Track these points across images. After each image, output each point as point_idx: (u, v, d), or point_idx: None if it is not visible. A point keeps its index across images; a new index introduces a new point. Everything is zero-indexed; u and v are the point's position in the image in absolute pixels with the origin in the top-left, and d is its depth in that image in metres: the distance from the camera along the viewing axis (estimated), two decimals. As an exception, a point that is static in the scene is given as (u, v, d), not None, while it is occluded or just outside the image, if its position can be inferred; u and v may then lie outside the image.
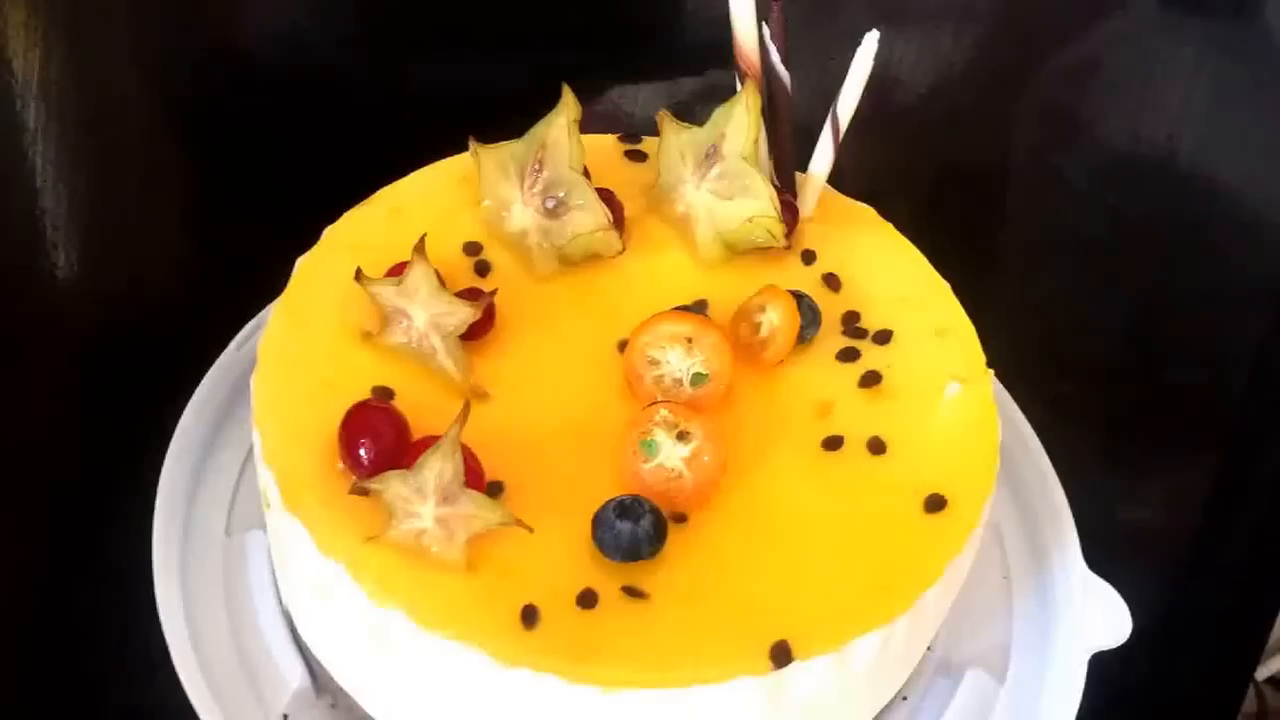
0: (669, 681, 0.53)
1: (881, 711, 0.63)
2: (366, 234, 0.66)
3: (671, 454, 0.58)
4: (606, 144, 0.72)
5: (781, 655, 0.53)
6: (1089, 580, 0.68)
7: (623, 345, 0.63)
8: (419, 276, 0.61)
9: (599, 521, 0.56)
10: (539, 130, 0.66)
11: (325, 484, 0.57)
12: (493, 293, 0.62)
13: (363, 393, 0.59)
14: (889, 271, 0.68)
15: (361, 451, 0.56)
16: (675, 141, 0.68)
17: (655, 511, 0.56)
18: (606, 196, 0.66)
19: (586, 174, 0.66)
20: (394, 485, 0.55)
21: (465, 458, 0.55)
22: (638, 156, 0.72)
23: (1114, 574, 0.68)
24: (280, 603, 0.64)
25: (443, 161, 0.70)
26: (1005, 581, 0.70)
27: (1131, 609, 0.66)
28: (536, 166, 0.66)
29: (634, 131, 0.72)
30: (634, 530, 0.55)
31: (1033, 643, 0.68)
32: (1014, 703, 0.65)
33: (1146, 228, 0.89)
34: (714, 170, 0.67)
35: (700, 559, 0.57)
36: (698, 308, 0.64)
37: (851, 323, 0.66)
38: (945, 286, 0.67)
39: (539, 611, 0.54)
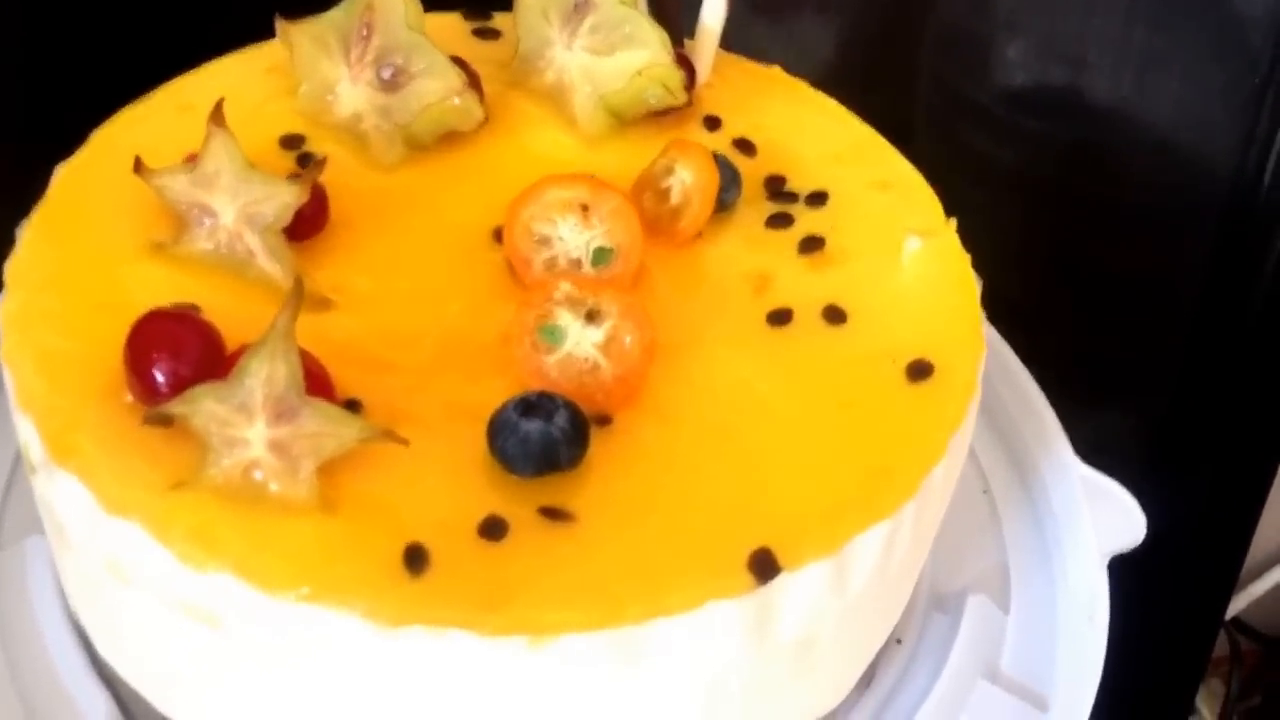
0: (618, 618, 0.37)
1: (875, 660, 0.48)
2: (147, 136, 0.50)
3: (582, 340, 0.43)
4: (449, 23, 0.57)
5: (765, 565, 0.38)
6: (1090, 479, 0.54)
7: (500, 234, 0.48)
8: (220, 154, 0.45)
9: (499, 426, 0.40)
10: (362, -10, 0.51)
11: (108, 425, 0.40)
12: (321, 162, 0.46)
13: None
14: (811, 130, 0.54)
15: (157, 372, 0.40)
16: (532, 0, 0.53)
17: (571, 406, 0.41)
18: (457, 64, 0.52)
19: (428, 42, 0.51)
20: (206, 404, 0.38)
21: (305, 363, 0.39)
22: (489, 35, 0.57)
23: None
24: (73, 621, 0.46)
25: (242, 50, 0.55)
26: (986, 496, 0.56)
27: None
28: (364, 32, 0.51)
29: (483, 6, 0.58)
30: (546, 431, 0.40)
31: (1033, 558, 0.54)
32: (1026, 630, 0.51)
33: (1063, 152, 0.79)
34: (586, 23, 0.52)
35: (635, 466, 0.41)
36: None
37: (776, 187, 0.52)
38: (880, 140, 0.54)
39: (427, 552, 0.38)
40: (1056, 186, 0.79)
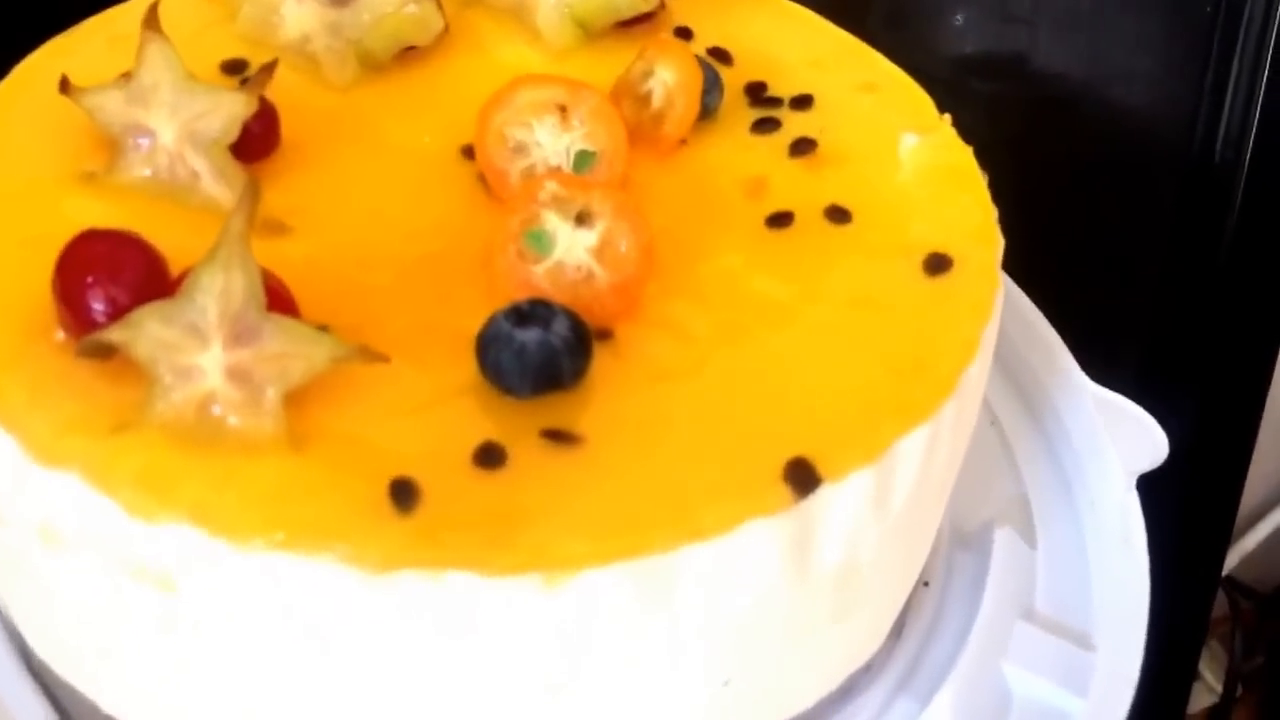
0: (643, 547, 0.29)
1: (904, 607, 0.41)
2: (76, 68, 0.40)
3: (573, 245, 0.35)
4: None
5: (804, 477, 0.31)
6: (1103, 398, 0.47)
7: (468, 151, 0.40)
8: (157, 63, 0.36)
9: (490, 338, 0.32)
10: (302, -100, 0.43)
11: (37, 365, 0.32)
12: (271, 66, 0.37)
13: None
14: (787, 37, 0.47)
15: (92, 299, 0.31)
16: (485, -90, 0.45)
17: (569, 312, 0.33)
18: (408, -23, 0.43)
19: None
20: (150, 328, 0.30)
21: (265, 280, 0.31)
22: (436, -41, 0.49)
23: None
24: (3, 619, 0.37)
25: (178, -21, 0.46)
26: (995, 428, 0.49)
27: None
28: (306, -56, 0.42)
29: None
30: (544, 340, 0.32)
31: (1054, 488, 0.47)
32: (1057, 563, 0.44)
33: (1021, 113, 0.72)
34: (545, -73, 0.45)
35: (644, 381, 0.34)
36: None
37: (758, 93, 0.44)
38: (860, 44, 0.47)
39: (417, 486, 0.30)
40: (1018, 146, 0.72)
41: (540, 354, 0.32)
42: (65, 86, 0.37)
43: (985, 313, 0.36)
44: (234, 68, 0.42)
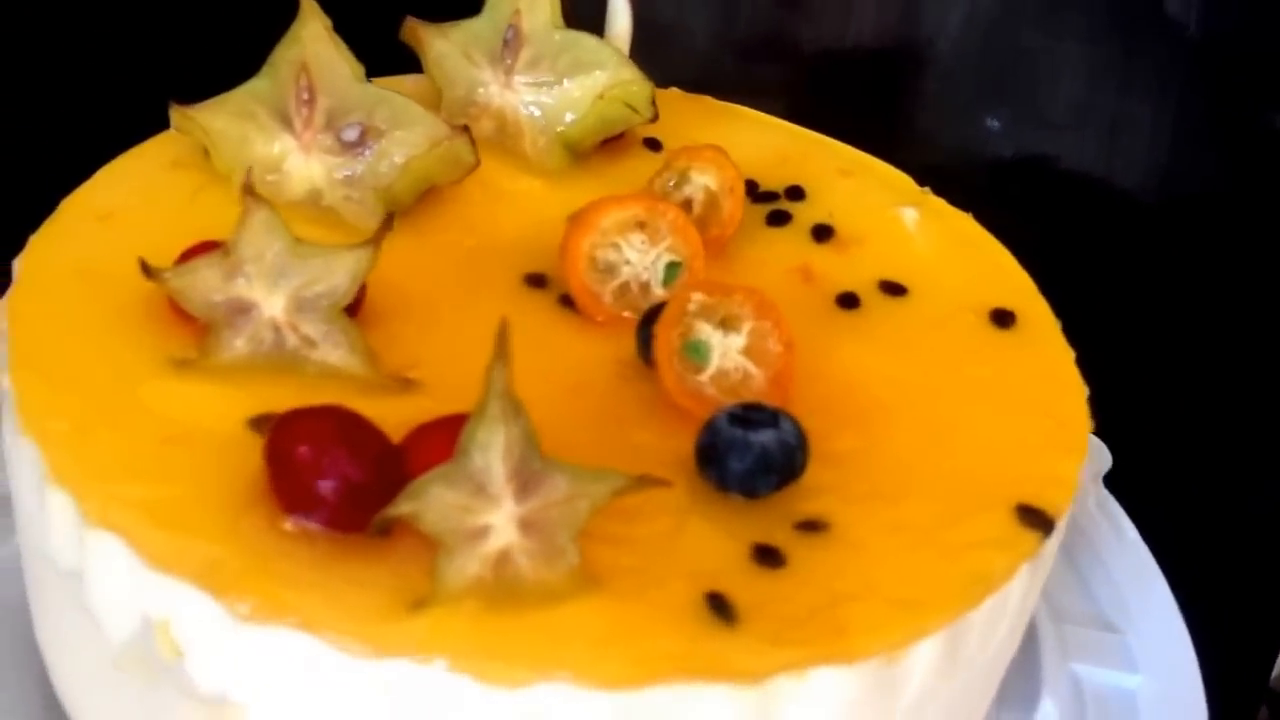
0: (954, 610, 0.33)
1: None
2: (79, 255, 0.40)
3: (727, 350, 0.38)
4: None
5: (1039, 520, 0.36)
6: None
7: (534, 279, 0.42)
8: (258, 233, 0.36)
9: (726, 446, 0.35)
10: (285, 54, 0.44)
11: (289, 560, 0.31)
12: (390, 219, 0.38)
13: (225, 451, 0.34)
14: (751, 138, 0.52)
15: (324, 481, 0.31)
16: (447, 47, 0.48)
17: (785, 413, 0.36)
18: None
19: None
20: (438, 494, 0.30)
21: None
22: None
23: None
24: None
25: (132, 151, 0.45)
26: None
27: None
28: (305, 95, 0.43)
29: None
30: (781, 440, 0.35)
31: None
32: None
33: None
34: (523, 56, 0.48)
35: (838, 462, 0.37)
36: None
37: (753, 189, 0.49)
38: (817, 136, 0.53)
39: (730, 599, 0.32)
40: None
41: (782, 453, 0.35)
42: (148, 270, 0.36)
43: (1066, 352, 0.43)
44: (256, 230, 0.42)
